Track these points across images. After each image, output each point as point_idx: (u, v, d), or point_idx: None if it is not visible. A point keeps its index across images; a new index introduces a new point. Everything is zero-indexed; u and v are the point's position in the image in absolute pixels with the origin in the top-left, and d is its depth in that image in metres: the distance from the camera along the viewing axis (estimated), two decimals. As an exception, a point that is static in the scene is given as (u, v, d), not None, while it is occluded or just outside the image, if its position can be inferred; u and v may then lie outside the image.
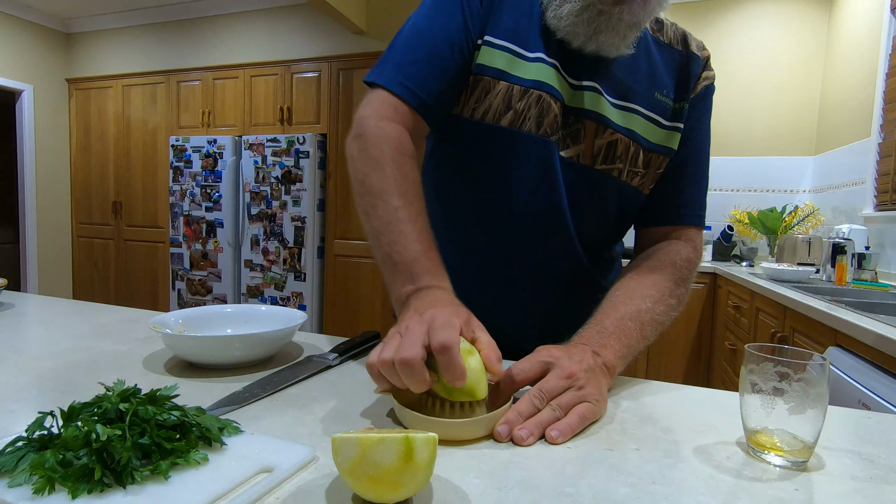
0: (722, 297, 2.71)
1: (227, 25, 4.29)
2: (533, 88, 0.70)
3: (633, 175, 0.76)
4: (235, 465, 0.39)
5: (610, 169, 0.75)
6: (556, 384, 0.52)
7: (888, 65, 2.45)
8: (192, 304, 4.11)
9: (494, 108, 0.71)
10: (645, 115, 0.75)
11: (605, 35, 0.67)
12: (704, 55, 0.80)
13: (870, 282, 2.07)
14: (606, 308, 0.67)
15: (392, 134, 0.66)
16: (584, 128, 0.73)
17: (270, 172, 3.78)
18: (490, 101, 0.71)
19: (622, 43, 0.68)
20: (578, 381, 0.53)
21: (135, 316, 0.94)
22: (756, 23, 3.40)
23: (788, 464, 0.44)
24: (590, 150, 0.73)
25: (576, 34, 0.68)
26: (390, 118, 0.68)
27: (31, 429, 0.38)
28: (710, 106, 0.82)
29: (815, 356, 0.44)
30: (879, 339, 1.09)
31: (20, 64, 4.58)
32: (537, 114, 0.70)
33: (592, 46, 0.68)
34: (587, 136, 0.73)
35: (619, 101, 0.74)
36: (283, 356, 0.71)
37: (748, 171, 3.45)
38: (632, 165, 0.76)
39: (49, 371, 0.63)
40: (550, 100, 0.70)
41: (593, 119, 0.72)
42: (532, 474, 0.41)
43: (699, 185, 0.81)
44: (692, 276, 0.76)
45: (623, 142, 0.74)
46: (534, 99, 0.70)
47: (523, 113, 0.70)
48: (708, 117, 0.82)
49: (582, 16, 0.66)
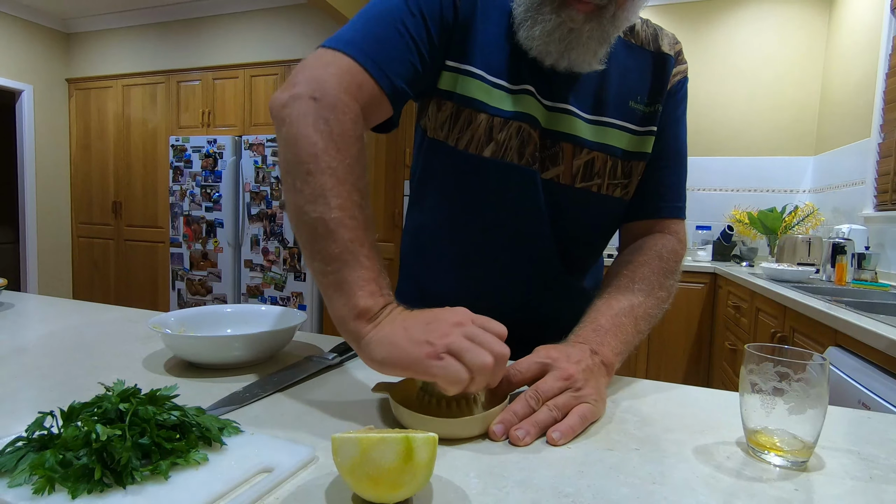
0: (722, 297, 2.72)
1: (227, 25, 4.29)
2: (513, 119, 0.70)
3: (615, 187, 0.78)
4: (235, 465, 0.39)
5: (589, 185, 0.76)
6: (553, 385, 0.52)
7: (888, 65, 2.45)
8: (192, 304, 4.11)
9: (477, 139, 0.71)
10: (619, 126, 0.76)
11: (575, 52, 0.67)
12: (676, 49, 0.80)
13: (870, 282, 2.07)
14: (600, 306, 0.67)
15: (357, 114, 0.58)
16: (562, 150, 0.74)
17: (270, 172, 3.78)
18: (472, 133, 0.71)
19: (593, 59, 0.69)
20: (576, 382, 0.53)
21: (135, 316, 0.94)
22: (756, 23, 3.40)
23: (788, 464, 0.44)
24: (569, 170, 0.75)
25: (548, 52, 0.68)
26: (353, 95, 0.59)
27: (31, 429, 0.38)
28: (684, 97, 0.81)
29: (815, 356, 0.44)
30: (879, 339, 1.09)
31: (20, 64, 4.59)
32: (518, 144, 0.71)
33: (564, 63, 0.69)
34: (565, 158, 0.74)
35: (593, 117, 0.75)
36: (283, 356, 0.71)
37: (748, 171, 3.45)
38: (611, 178, 0.77)
39: (49, 371, 0.63)
40: (530, 129, 0.71)
41: (570, 141, 0.74)
42: (532, 474, 0.41)
43: (677, 176, 0.81)
44: (679, 267, 0.76)
45: (600, 158, 0.75)
46: (514, 129, 0.71)
47: (504, 143, 0.71)
48: (683, 109, 0.81)
49: (553, 35, 0.66)
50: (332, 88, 0.57)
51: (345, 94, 0.58)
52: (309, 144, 0.53)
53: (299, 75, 0.59)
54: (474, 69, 0.70)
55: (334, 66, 0.59)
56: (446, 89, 0.71)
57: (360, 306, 0.50)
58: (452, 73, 0.71)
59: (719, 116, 3.49)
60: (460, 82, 0.70)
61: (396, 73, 0.64)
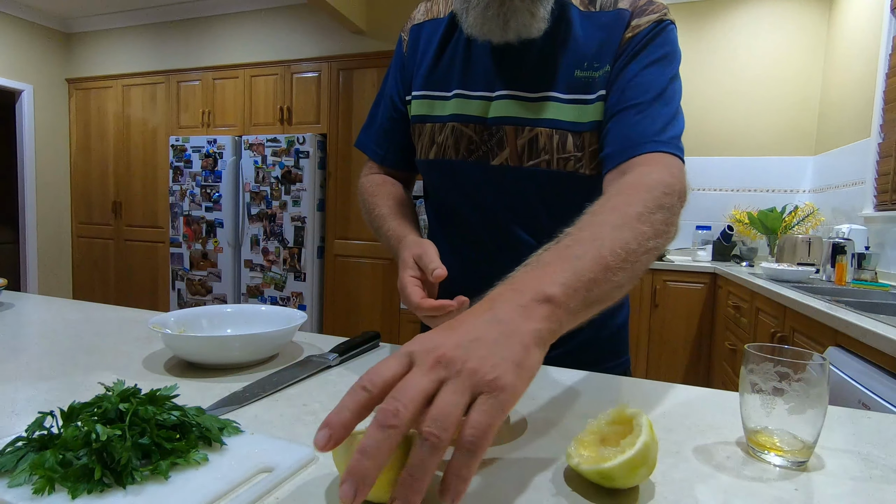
0: (722, 297, 2.72)
1: (227, 25, 4.29)
2: (448, 121, 0.80)
3: (566, 161, 0.74)
4: (235, 465, 0.39)
5: (538, 163, 0.76)
6: (416, 393, 0.32)
7: (888, 65, 2.45)
8: (192, 304, 4.11)
9: (424, 146, 0.83)
10: (562, 98, 0.74)
11: (514, 20, 0.70)
12: (637, 5, 0.73)
13: (870, 282, 2.07)
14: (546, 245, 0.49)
15: (370, 180, 0.92)
16: (505, 133, 0.77)
17: (270, 172, 3.78)
18: (422, 142, 0.83)
19: (533, 19, 0.71)
20: (453, 364, 0.34)
21: (135, 316, 0.94)
22: (756, 23, 3.40)
23: (788, 464, 0.44)
24: (514, 151, 0.77)
25: (491, 30, 0.72)
26: (368, 171, 0.95)
27: (31, 429, 0.38)
28: (652, 41, 0.72)
29: (815, 356, 0.44)
30: (879, 339, 1.09)
31: (20, 64, 4.59)
32: (454, 142, 0.79)
33: (511, 35, 0.72)
34: (509, 140, 0.76)
35: (535, 94, 0.75)
36: (283, 356, 0.71)
37: (748, 171, 3.45)
38: (560, 153, 0.75)
39: (49, 371, 0.63)
40: (462, 126, 0.78)
41: (510, 123, 0.76)
42: (531, 474, 0.41)
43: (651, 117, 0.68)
44: (674, 201, 0.59)
45: (544, 133, 0.75)
46: (449, 130, 0.80)
47: (443, 144, 0.81)
48: (653, 52, 0.71)
49: (487, 12, 0.70)
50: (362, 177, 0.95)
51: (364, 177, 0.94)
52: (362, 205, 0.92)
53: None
54: (418, 92, 0.83)
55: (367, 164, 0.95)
56: (410, 116, 0.85)
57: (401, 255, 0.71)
58: (409, 103, 0.85)
59: (719, 116, 3.49)
60: (412, 106, 0.84)
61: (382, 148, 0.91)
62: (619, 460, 0.36)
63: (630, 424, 0.40)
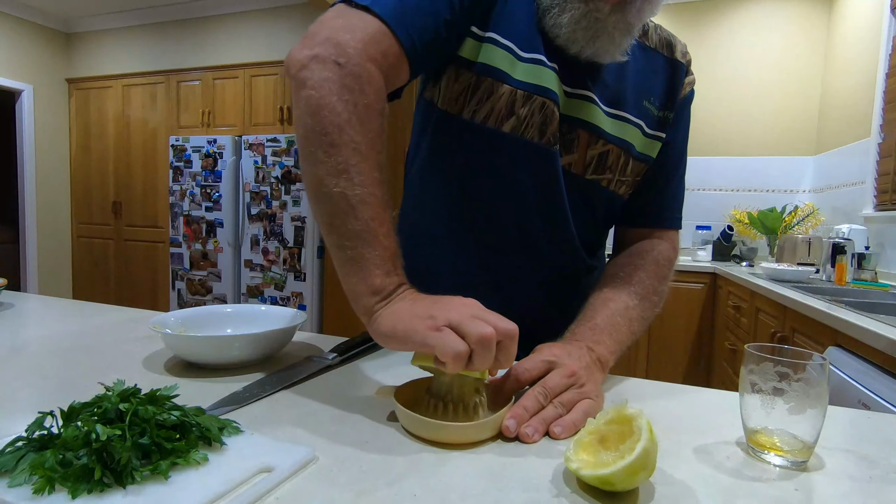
0: (722, 297, 2.71)
1: (227, 25, 4.29)
2: (536, 94, 0.67)
3: (621, 184, 0.77)
4: (235, 465, 0.39)
5: (599, 179, 0.75)
6: (559, 382, 0.53)
7: (888, 65, 2.45)
8: (192, 304, 4.11)
9: (497, 112, 0.68)
10: (635, 123, 0.76)
11: (601, 41, 0.68)
12: (687, 60, 0.81)
13: (870, 282, 2.07)
14: (596, 304, 0.69)
15: (381, 85, 0.56)
16: (578, 137, 0.73)
17: (270, 172, 3.78)
18: (492, 105, 0.68)
19: (616, 49, 0.69)
20: (580, 379, 0.54)
21: (135, 316, 0.94)
22: (756, 23, 3.40)
23: (788, 464, 0.44)
24: (582, 159, 0.74)
25: (574, 40, 0.68)
26: (377, 61, 0.56)
27: (31, 429, 0.38)
28: (689, 109, 0.84)
29: (814, 356, 0.44)
30: (879, 339, 1.09)
31: (20, 64, 4.58)
32: (541, 121, 0.68)
33: (589, 52, 0.68)
34: (580, 146, 0.73)
35: (612, 110, 0.74)
36: (283, 356, 0.71)
37: (748, 171, 3.45)
38: (621, 175, 0.76)
39: (49, 371, 0.63)
40: (554, 107, 0.69)
41: (586, 129, 0.73)
42: (532, 474, 0.41)
43: (679, 188, 0.84)
44: (671, 274, 0.79)
45: (615, 152, 0.75)
46: (537, 105, 0.68)
47: (526, 119, 0.68)
48: (688, 120, 0.84)
49: (581, 23, 0.67)
50: (356, 54, 0.54)
51: (370, 63, 0.55)
52: (333, 114, 0.51)
53: (320, 33, 0.55)
54: (500, 38, 0.67)
55: (360, 30, 0.55)
56: (467, 58, 0.67)
57: (376, 284, 0.50)
58: (476, 41, 0.67)
59: (719, 116, 3.49)
60: (483, 51, 0.67)
61: (421, 39, 0.60)
62: (618, 466, 0.36)
63: (630, 423, 0.40)
